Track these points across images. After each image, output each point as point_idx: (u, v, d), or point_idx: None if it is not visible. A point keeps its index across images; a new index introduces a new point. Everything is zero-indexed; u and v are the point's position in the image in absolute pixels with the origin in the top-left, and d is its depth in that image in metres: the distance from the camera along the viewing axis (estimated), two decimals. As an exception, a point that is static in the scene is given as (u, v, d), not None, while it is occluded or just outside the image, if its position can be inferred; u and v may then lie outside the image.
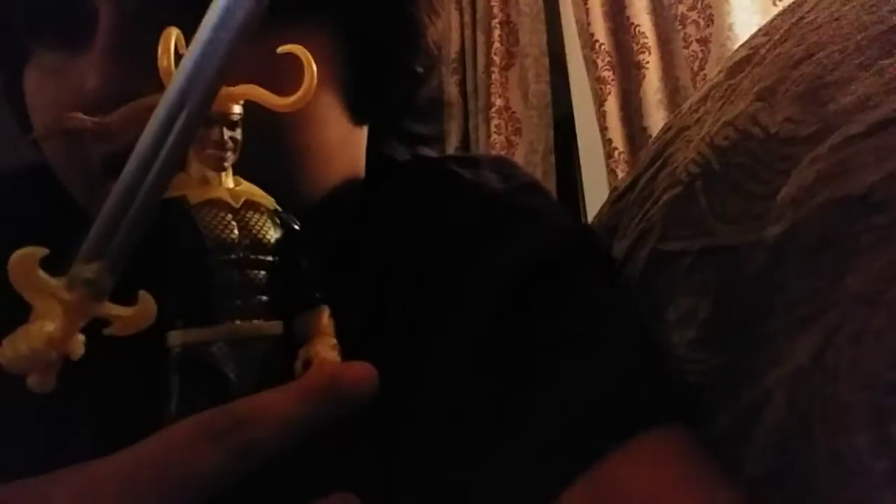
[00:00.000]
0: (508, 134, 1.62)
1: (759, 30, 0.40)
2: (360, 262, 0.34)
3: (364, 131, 0.36)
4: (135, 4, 0.26)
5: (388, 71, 0.34)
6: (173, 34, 0.20)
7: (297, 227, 0.23)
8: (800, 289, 0.24)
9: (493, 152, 1.60)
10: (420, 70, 0.35)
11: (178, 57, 0.20)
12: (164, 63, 0.20)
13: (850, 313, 0.21)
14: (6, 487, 0.18)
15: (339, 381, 0.20)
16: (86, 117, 0.21)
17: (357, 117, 0.34)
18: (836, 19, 0.33)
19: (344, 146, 0.33)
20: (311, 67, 0.21)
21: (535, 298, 0.30)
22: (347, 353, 0.22)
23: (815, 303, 0.23)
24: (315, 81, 0.21)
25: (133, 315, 0.18)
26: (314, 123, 0.30)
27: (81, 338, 0.18)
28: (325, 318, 0.22)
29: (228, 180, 0.21)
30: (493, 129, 1.62)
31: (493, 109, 1.63)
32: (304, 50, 0.21)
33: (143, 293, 0.18)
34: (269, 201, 0.22)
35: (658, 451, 0.26)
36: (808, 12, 0.35)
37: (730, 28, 1.26)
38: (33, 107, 0.30)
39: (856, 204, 0.23)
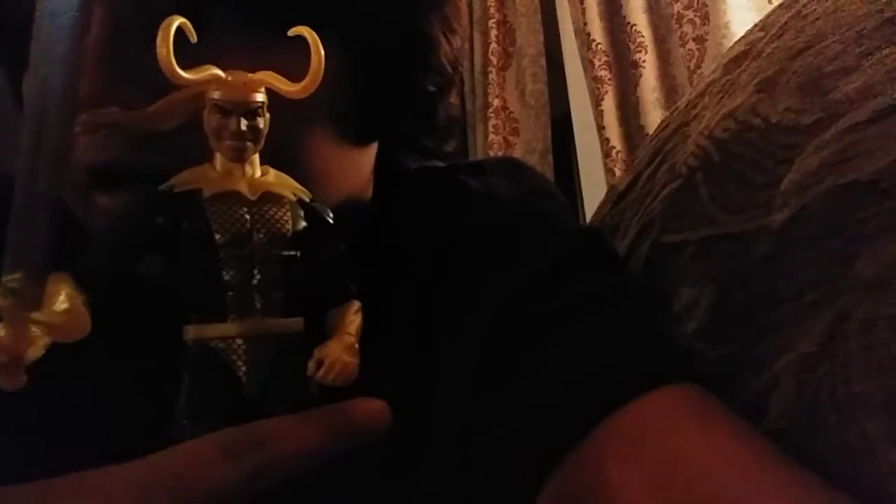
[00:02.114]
0: (506, 134, 1.62)
1: (755, 25, 0.40)
2: (366, 275, 0.34)
3: (371, 149, 0.35)
4: (127, 12, 0.26)
5: (395, 90, 0.33)
6: (174, 24, 0.19)
7: (329, 218, 0.22)
8: (807, 275, 0.23)
9: (491, 153, 1.60)
10: (433, 89, 0.34)
11: (179, 46, 0.19)
12: (163, 52, 0.19)
13: (861, 299, 0.21)
14: (12, 490, 0.18)
15: (354, 417, 0.20)
16: (123, 111, 0.21)
17: (360, 138, 0.33)
18: (835, 11, 0.32)
19: (344, 167, 0.32)
20: (319, 51, 0.21)
21: (548, 296, 0.30)
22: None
23: (823, 289, 0.23)
24: (322, 65, 0.21)
25: (65, 323, 0.18)
26: (308, 145, 0.29)
27: (43, 341, 0.17)
28: (351, 314, 0.21)
29: (253, 170, 0.21)
30: (490, 129, 1.62)
31: (491, 109, 1.63)
32: (312, 32, 0.21)
33: (76, 303, 0.18)
34: (292, 192, 0.21)
35: (678, 401, 0.25)
36: (805, 6, 0.35)
37: (726, 26, 1.26)
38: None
39: (863, 189, 0.23)
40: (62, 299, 0.18)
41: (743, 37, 0.40)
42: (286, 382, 0.20)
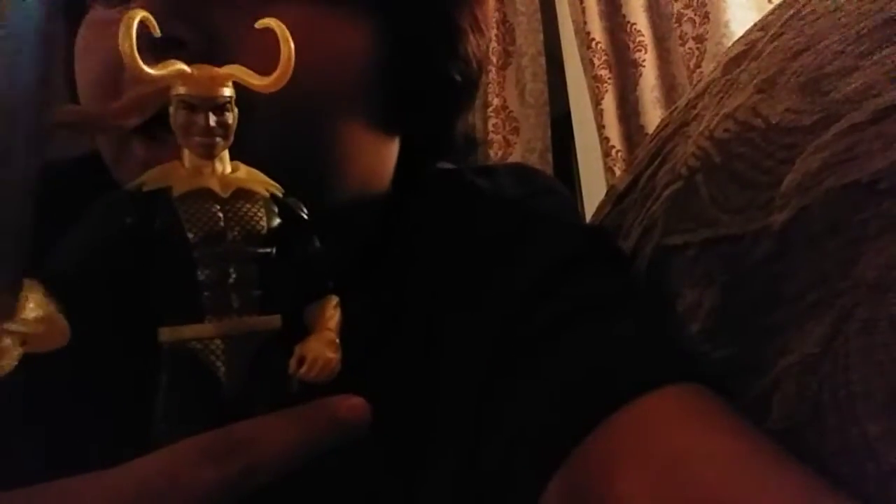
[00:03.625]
0: (506, 133, 1.62)
1: (755, 25, 0.40)
2: (380, 273, 0.34)
3: (394, 143, 0.35)
4: None
5: (423, 75, 0.33)
6: (136, 18, 0.19)
7: (304, 214, 0.22)
8: (808, 276, 0.23)
9: (491, 152, 1.60)
10: (458, 79, 0.34)
11: (143, 39, 0.19)
12: (126, 48, 0.18)
13: (862, 300, 0.21)
14: None
15: (336, 413, 0.20)
16: (85, 109, 0.20)
17: (386, 126, 0.33)
18: (834, 10, 0.32)
19: (367, 154, 0.32)
20: (289, 44, 0.20)
21: (554, 296, 0.31)
22: (363, 356, 0.21)
23: (824, 290, 0.23)
24: (293, 59, 0.20)
25: (43, 333, 0.17)
26: (335, 127, 0.30)
27: (17, 352, 0.17)
28: (330, 309, 0.21)
29: (223, 167, 0.20)
30: (490, 128, 1.62)
31: (491, 109, 1.63)
32: (281, 24, 0.20)
33: (50, 310, 0.17)
34: (265, 188, 0.21)
35: (681, 401, 0.25)
36: (804, 5, 0.35)
37: (726, 25, 1.26)
38: (81, 67, 0.30)
39: (863, 190, 0.23)
40: (32, 306, 0.17)
41: (742, 36, 0.40)
42: (266, 381, 0.20)
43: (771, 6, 0.42)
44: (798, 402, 0.23)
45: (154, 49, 0.24)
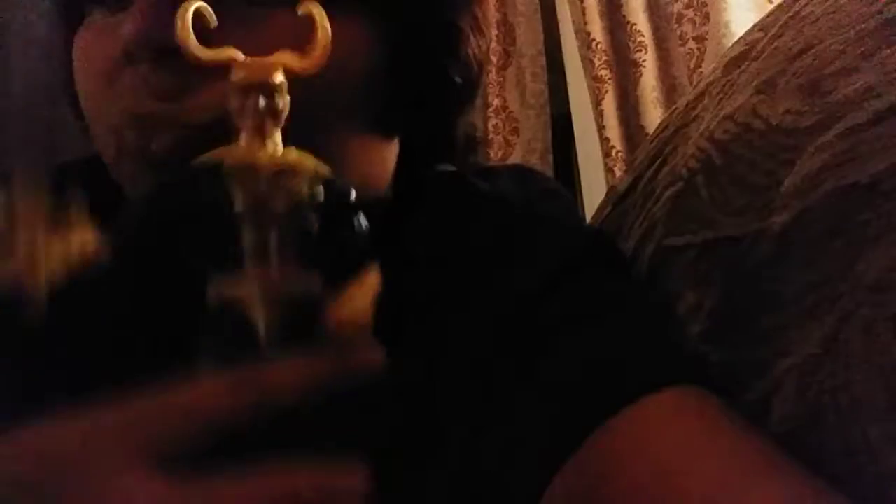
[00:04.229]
0: (506, 133, 1.62)
1: (755, 25, 0.40)
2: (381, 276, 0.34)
3: (394, 146, 0.35)
4: None
5: (424, 77, 0.33)
6: (191, 6, 0.21)
7: (351, 194, 0.23)
8: (808, 277, 0.24)
9: (491, 152, 1.60)
10: (459, 81, 0.34)
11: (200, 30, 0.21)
12: (184, 35, 0.21)
13: (863, 301, 0.21)
14: (24, 431, 0.19)
15: (352, 353, 0.21)
16: (157, 103, 0.22)
17: (386, 129, 0.33)
18: (834, 11, 0.32)
19: (366, 155, 0.33)
20: (325, 25, 0.22)
21: (554, 298, 0.31)
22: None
23: (824, 291, 0.23)
24: (330, 39, 0.22)
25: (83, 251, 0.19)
26: (335, 128, 0.30)
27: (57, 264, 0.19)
28: (369, 280, 0.22)
29: (275, 147, 0.22)
30: (490, 128, 1.62)
31: (491, 109, 1.63)
32: (321, 9, 0.22)
33: (93, 233, 0.20)
34: (310, 168, 0.22)
35: (682, 403, 0.26)
36: (804, 6, 0.35)
37: (726, 25, 1.26)
38: (80, 70, 0.31)
39: (863, 192, 0.23)
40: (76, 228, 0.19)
41: (742, 37, 0.40)
42: (304, 343, 0.21)
43: (771, 7, 0.42)
44: (798, 403, 0.23)
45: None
